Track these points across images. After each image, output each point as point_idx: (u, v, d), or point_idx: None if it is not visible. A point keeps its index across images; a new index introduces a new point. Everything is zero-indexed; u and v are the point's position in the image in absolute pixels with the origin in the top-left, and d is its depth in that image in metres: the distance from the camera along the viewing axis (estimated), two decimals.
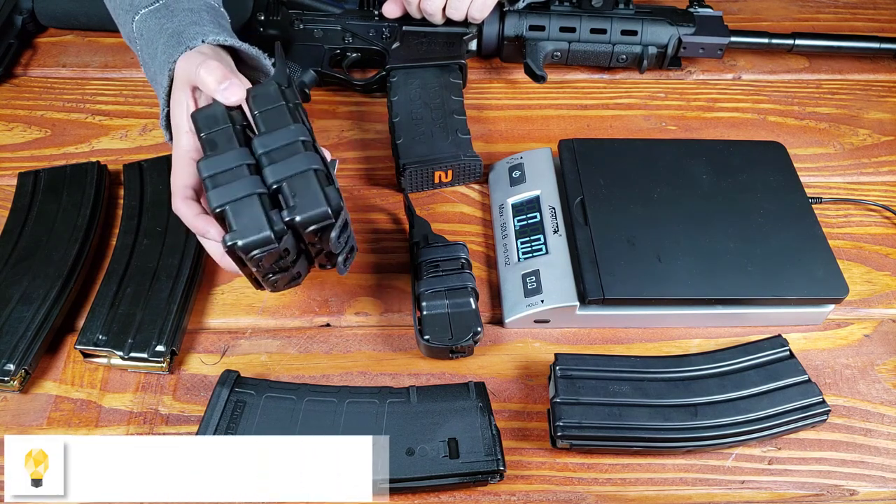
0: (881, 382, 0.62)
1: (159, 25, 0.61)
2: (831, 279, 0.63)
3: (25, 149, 0.77)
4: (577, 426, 0.55)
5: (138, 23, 0.63)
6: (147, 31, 0.62)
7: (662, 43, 0.83)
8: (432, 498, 0.55)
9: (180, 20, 0.61)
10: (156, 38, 0.61)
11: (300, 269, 0.57)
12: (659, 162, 0.70)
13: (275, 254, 0.51)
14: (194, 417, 0.59)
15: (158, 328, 0.60)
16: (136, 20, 0.63)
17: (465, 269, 0.63)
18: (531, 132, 0.81)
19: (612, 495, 0.56)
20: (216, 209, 0.50)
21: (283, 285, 0.58)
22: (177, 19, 0.61)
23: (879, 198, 0.76)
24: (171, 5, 0.62)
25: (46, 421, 0.58)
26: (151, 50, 0.62)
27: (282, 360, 0.62)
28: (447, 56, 0.79)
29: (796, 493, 0.56)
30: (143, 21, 0.62)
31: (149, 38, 0.62)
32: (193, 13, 0.62)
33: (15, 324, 0.60)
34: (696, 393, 0.58)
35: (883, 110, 0.85)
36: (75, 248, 0.65)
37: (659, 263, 0.62)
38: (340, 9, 0.82)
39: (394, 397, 0.57)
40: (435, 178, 0.73)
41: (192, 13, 0.62)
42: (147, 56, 0.63)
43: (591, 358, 0.59)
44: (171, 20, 0.61)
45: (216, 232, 0.54)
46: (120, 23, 0.66)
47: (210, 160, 0.51)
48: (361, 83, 0.81)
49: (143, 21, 0.62)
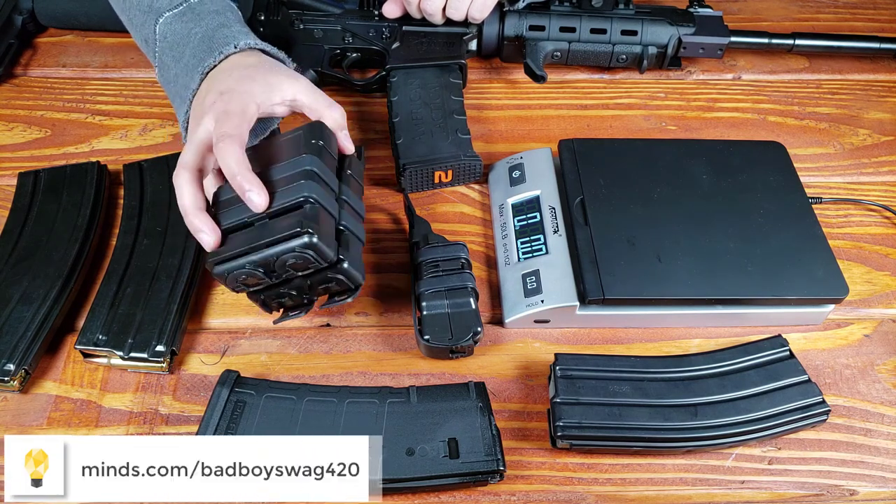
0: (881, 382, 0.62)
1: (187, 30, 0.62)
2: (831, 279, 0.63)
3: (25, 149, 0.77)
4: (577, 426, 0.55)
5: (162, 26, 0.62)
6: (172, 35, 0.62)
7: (662, 43, 0.83)
8: (432, 498, 0.55)
9: (207, 23, 0.62)
10: (182, 42, 0.61)
11: (300, 299, 0.58)
12: (659, 162, 0.70)
13: (249, 281, 0.54)
14: (194, 417, 0.59)
15: (158, 328, 0.60)
16: (159, 23, 0.63)
17: (465, 269, 0.63)
18: (531, 132, 0.81)
19: (612, 495, 0.56)
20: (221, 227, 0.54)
21: (289, 309, 0.60)
22: (203, 23, 0.62)
23: (879, 198, 0.76)
24: (196, 8, 0.62)
25: (46, 421, 0.58)
26: (176, 53, 0.62)
27: (282, 360, 0.62)
28: (447, 56, 0.79)
29: (796, 493, 0.56)
30: (168, 25, 0.62)
31: (173, 42, 0.62)
32: (219, 14, 0.63)
33: (15, 324, 0.60)
34: (696, 393, 0.58)
35: (883, 110, 0.85)
36: (75, 248, 0.65)
37: (659, 263, 0.62)
38: (340, 9, 0.82)
39: (394, 397, 0.57)
40: (435, 178, 0.73)
41: (217, 14, 0.62)
42: (169, 59, 0.62)
43: (591, 358, 0.59)
44: (199, 24, 0.62)
45: (208, 238, 0.54)
46: (135, 24, 0.66)
47: None
48: (361, 83, 0.81)
49: (168, 25, 0.62)
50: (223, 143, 0.54)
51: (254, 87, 0.58)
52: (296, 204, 0.53)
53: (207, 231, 0.54)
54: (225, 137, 0.54)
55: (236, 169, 0.53)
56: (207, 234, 0.54)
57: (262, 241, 0.52)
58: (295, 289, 0.56)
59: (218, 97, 0.57)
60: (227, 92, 0.57)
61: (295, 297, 0.57)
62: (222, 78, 0.59)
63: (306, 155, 0.55)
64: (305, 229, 0.51)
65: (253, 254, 0.52)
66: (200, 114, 0.57)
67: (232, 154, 0.53)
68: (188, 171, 0.55)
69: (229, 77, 0.59)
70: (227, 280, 0.54)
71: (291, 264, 0.53)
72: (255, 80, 0.59)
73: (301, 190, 0.53)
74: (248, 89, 0.58)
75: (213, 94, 0.58)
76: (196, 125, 0.57)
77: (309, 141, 0.56)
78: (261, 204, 0.53)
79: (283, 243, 0.52)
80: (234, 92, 0.57)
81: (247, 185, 0.53)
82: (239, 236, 0.54)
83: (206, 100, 0.57)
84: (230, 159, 0.53)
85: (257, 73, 0.59)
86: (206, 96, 0.58)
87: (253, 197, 0.53)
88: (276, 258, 0.52)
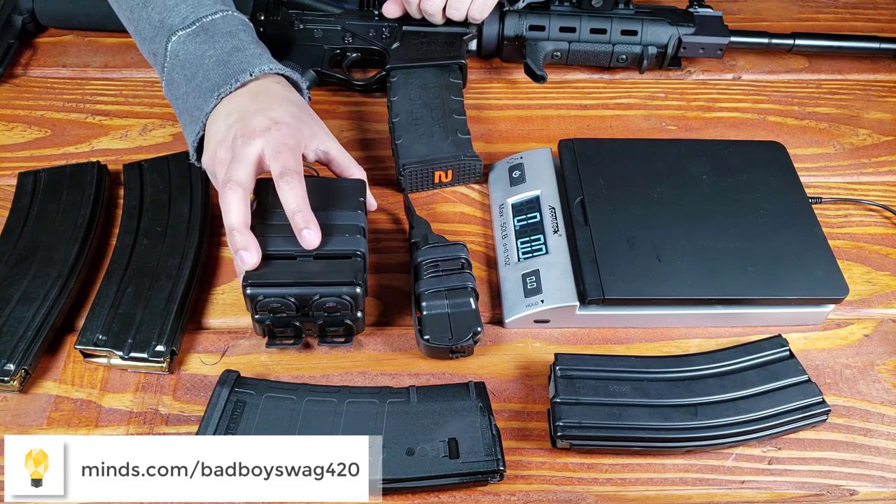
0: (881, 382, 0.62)
1: (200, 51, 0.62)
2: (831, 279, 0.63)
3: (25, 149, 0.77)
4: (577, 426, 0.55)
5: (174, 44, 0.63)
6: (185, 55, 0.62)
7: (662, 43, 0.83)
8: (432, 498, 0.55)
9: (222, 46, 0.62)
10: (195, 63, 0.62)
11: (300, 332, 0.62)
12: (659, 162, 0.70)
13: (277, 308, 0.57)
14: (194, 417, 0.59)
15: (158, 328, 0.60)
16: (171, 41, 0.63)
17: (465, 269, 0.63)
18: (531, 132, 0.81)
19: (612, 495, 0.56)
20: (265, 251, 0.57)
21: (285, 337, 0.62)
22: (218, 45, 0.62)
23: (879, 198, 0.76)
24: (210, 28, 0.63)
25: (46, 421, 0.58)
26: (188, 73, 0.62)
27: (282, 360, 0.62)
28: (447, 56, 0.79)
29: (796, 493, 0.56)
30: (182, 44, 0.63)
31: (185, 62, 0.62)
32: (233, 37, 0.63)
33: (15, 324, 0.60)
34: (696, 393, 0.58)
35: (883, 110, 0.85)
36: (75, 248, 0.65)
37: (659, 263, 0.62)
38: (340, 9, 0.82)
39: (394, 397, 0.57)
40: (435, 178, 0.73)
41: (231, 37, 0.63)
42: (180, 77, 0.63)
43: (591, 358, 0.59)
44: (213, 46, 0.62)
45: (251, 258, 0.56)
46: (144, 36, 0.66)
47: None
48: (361, 83, 0.81)
49: (182, 44, 0.63)
50: (289, 177, 0.57)
51: (302, 128, 0.61)
52: (345, 253, 0.58)
53: (252, 251, 0.56)
54: (291, 173, 0.57)
55: (298, 206, 0.57)
56: (252, 254, 0.56)
57: (310, 278, 0.56)
58: (307, 323, 0.60)
59: (272, 125, 0.59)
60: (281, 123, 0.59)
61: (298, 328, 0.60)
62: (265, 103, 0.60)
63: (361, 212, 0.61)
64: (359, 281, 0.56)
65: (297, 287, 0.56)
66: (247, 133, 0.58)
67: (296, 191, 0.57)
68: (242, 188, 0.57)
69: (279, 107, 0.60)
70: (258, 303, 0.56)
71: (328, 306, 0.57)
72: (303, 122, 0.61)
73: (356, 244, 0.58)
74: (298, 127, 0.60)
75: (261, 117, 0.59)
76: (245, 144, 0.58)
77: (358, 197, 0.62)
78: (313, 243, 0.57)
79: (333, 286, 0.56)
80: (289, 126, 0.59)
81: (304, 223, 0.57)
82: (281, 265, 0.57)
83: (255, 122, 0.58)
84: (293, 196, 0.57)
85: (303, 115, 0.62)
86: (251, 118, 0.59)
87: (309, 236, 0.57)
88: (318, 297, 0.56)
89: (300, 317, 0.59)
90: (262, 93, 0.61)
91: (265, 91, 0.62)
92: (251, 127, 0.58)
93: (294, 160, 0.58)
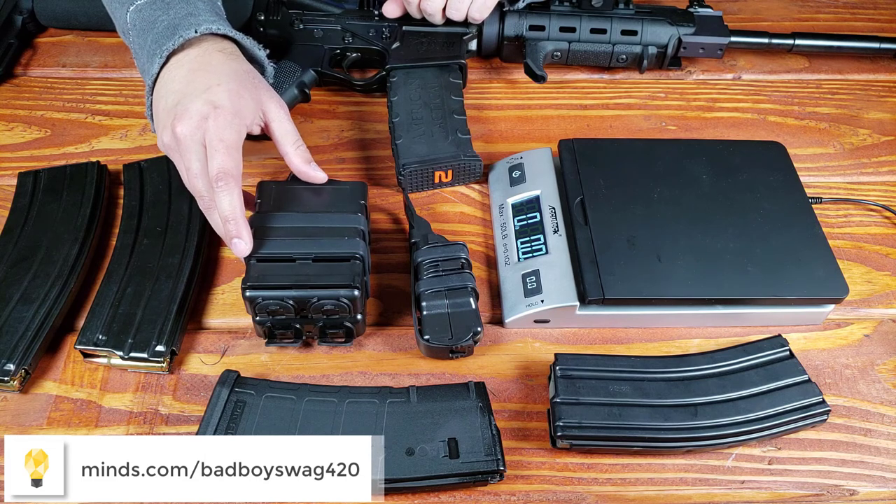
0: (881, 382, 0.62)
1: (154, 17, 0.61)
2: (831, 279, 0.63)
3: (25, 149, 0.77)
4: (577, 426, 0.55)
5: (132, 13, 0.62)
6: (140, 23, 0.62)
7: (662, 43, 0.83)
8: (432, 498, 0.55)
9: (175, 12, 0.61)
10: (148, 28, 0.61)
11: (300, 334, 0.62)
12: (659, 162, 0.70)
13: (277, 310, 0.57)
14: (194, 417, 0.59)
15: (158, 328, 0.60)
16: (130, 11, 0.63)
17: (465, 269, 0.63)
18: (531, 132, 0.81)
19: (612, 495, 0.56)
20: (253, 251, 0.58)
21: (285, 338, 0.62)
22: (172, 11, 0.61)
23: (879, 198, 0.76)
24: None
25: (46, 421, 0.58)
26: (142, 41, 0.61)
27: (282, 360, 0.62)
28: (447, 56, 0.78)
29: (796, 493, 0.56)
30: (138, 12, 0.62)
31: (141, 29, 0.62)
32: (189, 4, 0.62)
33: (15, 324, 0.60)
34: (696, 393, 0.58)
35: (883, 110, 0.85)
36: (75, 248, 0.65)
37: (659, 263, 0.62)
38: (340, 9, 0.82)
39: (394, 397, 0.57)
40: (435, 178, 0.73)
41: (187, 4, 0.62)
42: (137, 47, 0.63)
43: (591, 358, 0.59)
44: (167, 12, 0.61)
45: (244, 244, 0.57)
46: (115, 17, 0.66)
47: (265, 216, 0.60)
48: (361, 83, 0.81)
49: (138, 12, 0.62)
50: (224, 182, 0.56)
51: (242, 107, 0.58)
52: (344, 256, 0.58)
53: (246, 239, 0.56)
54: (227, 177, 0.56)
55: (232, 214, 0.56)
56: (245, 241, 0.56)
57: (308, 281, 0.57)
58: (306, 325, 0.60)
59: (211, 111, 0.56)
60: (220, 108, 0.57)
61: (298, 330, 0.61)
62: (204, 79, 0.58)
63: (361, 215, 0.61)
64: (356, 284, 0.57)
65: (296, 289, 0.56)
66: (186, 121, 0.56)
67: (231, 197, 0.56)
68: (234, 178, 0.56)
69: (218, 86, 0.58)
70: (257, 305, 0.57)
71: (326, 309, 0.57)
72: (243, 98, 0.59)
73: (354, 247, 0.58)
74: (238, 108, 0.58)
75: (199, 102, 0.56)
76: (188, 137, 0.56)
77: (358, 200, 0.62)
78: (244, 252, 0.57)
79: (331, 289, 0.57)
80: (227, 111, 0.57)
81: (236, 232, 0.56)
82: (278, 268, 0.57)
83: (192, 107, 0.56)
84: (228, 202, 0.56)
85: (244, 89, 0.59)
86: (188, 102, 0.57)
87: (239, 245, 0.56)
88: (316, 299, 0.57)
89: (300, 319, 0.59)
90: (202, 67, 0.59)
91: (206, 65, 0.59)
92: (189, 114, 0.56)
93: (231, 160, 0.56)
